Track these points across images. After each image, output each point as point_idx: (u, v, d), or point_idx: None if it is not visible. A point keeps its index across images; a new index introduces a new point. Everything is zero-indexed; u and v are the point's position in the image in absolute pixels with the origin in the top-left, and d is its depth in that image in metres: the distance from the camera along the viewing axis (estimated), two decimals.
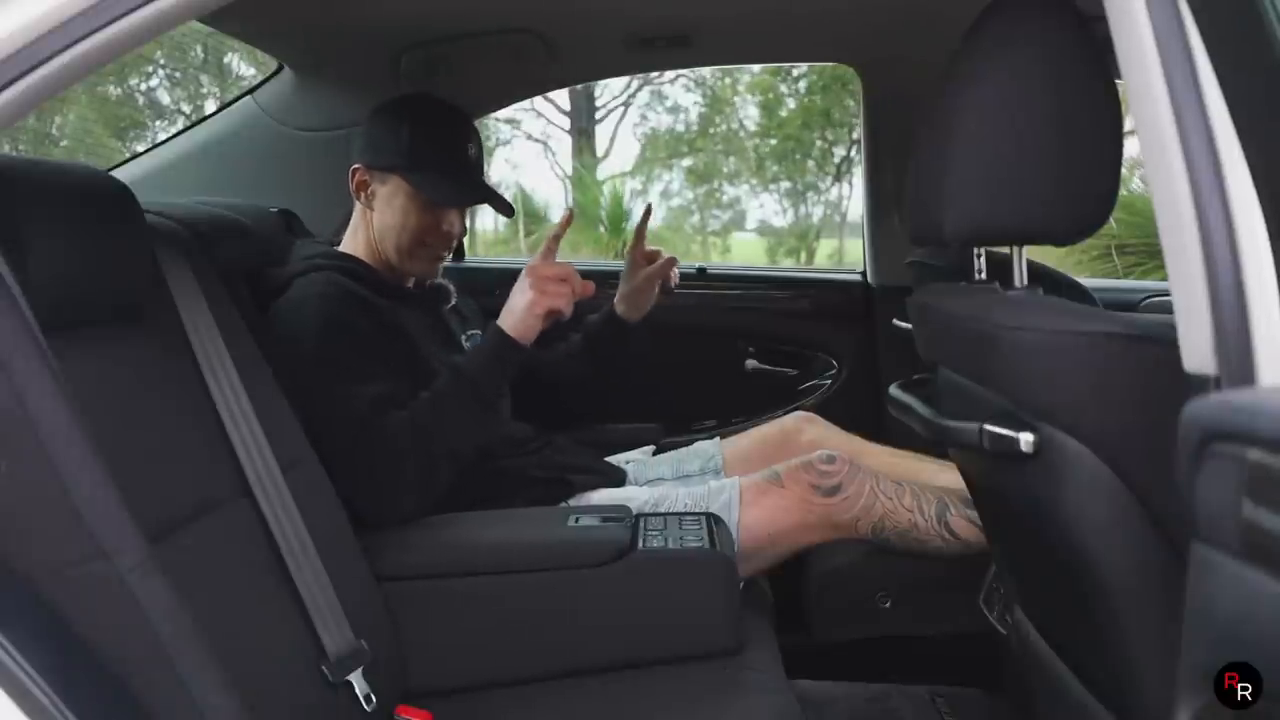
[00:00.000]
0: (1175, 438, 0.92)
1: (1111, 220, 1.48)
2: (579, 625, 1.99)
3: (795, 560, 2.38)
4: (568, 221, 2.44)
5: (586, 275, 2.22)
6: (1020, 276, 1.47)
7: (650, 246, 2.65)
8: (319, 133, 2.92)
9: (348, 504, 1.95)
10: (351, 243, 2.41)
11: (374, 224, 2.37)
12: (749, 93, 19.01)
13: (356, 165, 2.36)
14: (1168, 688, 0.98)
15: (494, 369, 2.16)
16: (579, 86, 16.43)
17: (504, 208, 2.46)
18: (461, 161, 2.38)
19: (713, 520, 2.14)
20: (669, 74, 18.32)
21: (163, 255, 1.70)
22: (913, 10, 2.67)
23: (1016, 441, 1.29)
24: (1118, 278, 6.85)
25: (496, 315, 2.63)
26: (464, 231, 2.48)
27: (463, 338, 2.50)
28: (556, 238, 2.31)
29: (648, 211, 2.74)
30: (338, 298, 2.15)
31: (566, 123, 18.83)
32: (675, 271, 2.61)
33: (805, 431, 2.67)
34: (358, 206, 2.39)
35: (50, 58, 1.20)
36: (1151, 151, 1.04)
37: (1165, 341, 1.08)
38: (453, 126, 2.39)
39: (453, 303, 2.54)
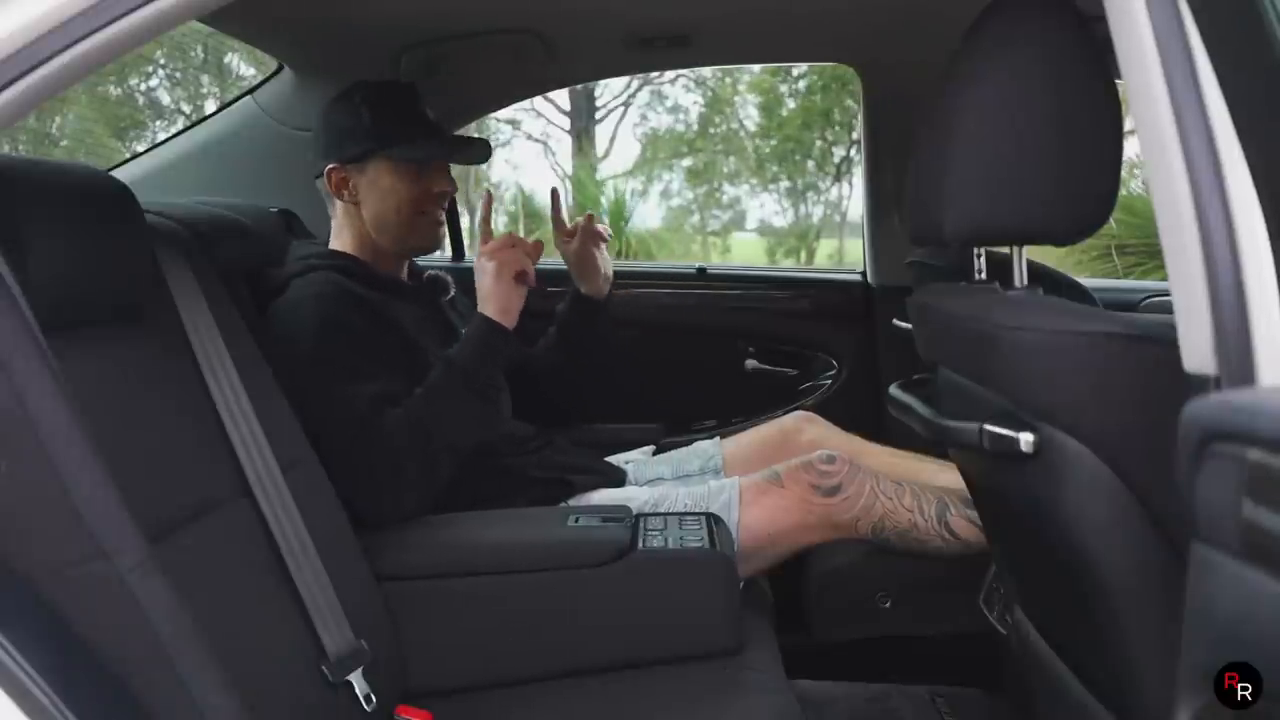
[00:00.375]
0: (1175, 438, 0.92)
1: (1111, 220, 1.49)
2: (579, 625, 1.99)
3: (795, 560, 2.38)
4: (489, 204, 2.49)
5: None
6: (1020, 276, 1.47)
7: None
8: None
9: (348, 504, 1.95)
10: (340, 243, 2.41)
11: (366, 215, 2.37)
12: (749, 93, 19.02)
13: (330, 166, 2.35)
14: (1168, 688, 0.98)
15: (483, 355, 2.18)
16: (579, 86, 16.43)
17: (485, 150, 2.53)
18: (427, 123, 2.41)
19: (713, 520, 2.14)
20: (669, 74, 18.32)
21: (163, 255, 1.70)
22: (913, 10, 2.67)
23: (1016, 441, 1.29)
24: (1118, 278, 6.85)
25: None
26: (455, 189, 2.51)
27: (462, 332, 2.50)
28: (485, 220, 2.42)
29: (554, 196, 2.72)
30: (334, 297, 2.16)
31: (566, 123, 18.83)
32: (600, 225, 2.60)
33: (805, 431, 2.67)
34: (339, 207, 2.39)
35: (50, 58, 1.20)
36: (1151, 151, 1.04)
37: (1165, 341, 1.08)
38: (405, 95, 2.43)
39: (451, 294, 2.55)
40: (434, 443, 2.07)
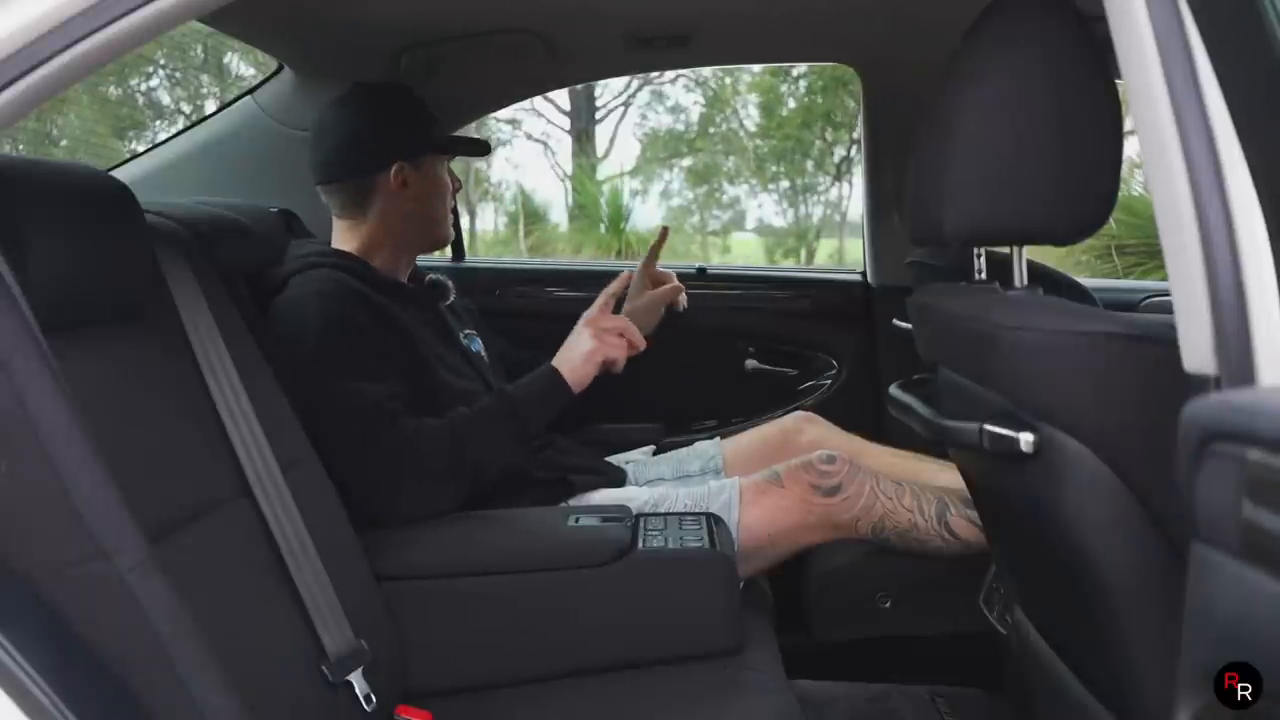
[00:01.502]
0: (1175, 438, 0.92)
1: (1111, 220, 1.49)
2: (579, 625, 1.99)
3: (795, 560, 2.39)
4: (627, 281, 2.50)
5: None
6: (1020, 276, 1.47)
7: (661, 267, 2.69)
8: None
9: (351, 503, 1.95)
10: (346, 244, 2.40)
11: (418, 211, 2.42)
12: (749, 93, 19.02)
13: (396, 166, 2.37)
14: (1168, 688, 0.98)
15: (540, 405, 2.22)
16: (579, 86, 16.42)
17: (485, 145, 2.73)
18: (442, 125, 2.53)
19: (713, 520, 2.14)
20: (669, 74, 18.32)
21: (163, 255, 1.69)
22: (913, 10, 2.67)
23: (1016, 441, 1.29)
24: (1118, 278, 6.85)
25: (494, 315, 2.65)
26: (460, 184, 2.63)
27: (460, 335, 2.50)
28: (613, 294, 2.39)
29: (664, 234, 2.75)
30: (338, 295, 2.16)
31: (566, 123, 18.83)
32: (682, 296, 2.65)
33: (805, 431, 2.68)
34: (380, 206, 2.39)
35: (50, 58, 1.20)
36: (1151, 151, 1.04)
37: (1165, 341, 1.08)
38: (417, 98, 2.49)
39: (450, 300, 2.55)
40: (466, 461, 2.10)
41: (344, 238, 2.42)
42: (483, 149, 2.67)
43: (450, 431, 2.10)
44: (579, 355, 2.23)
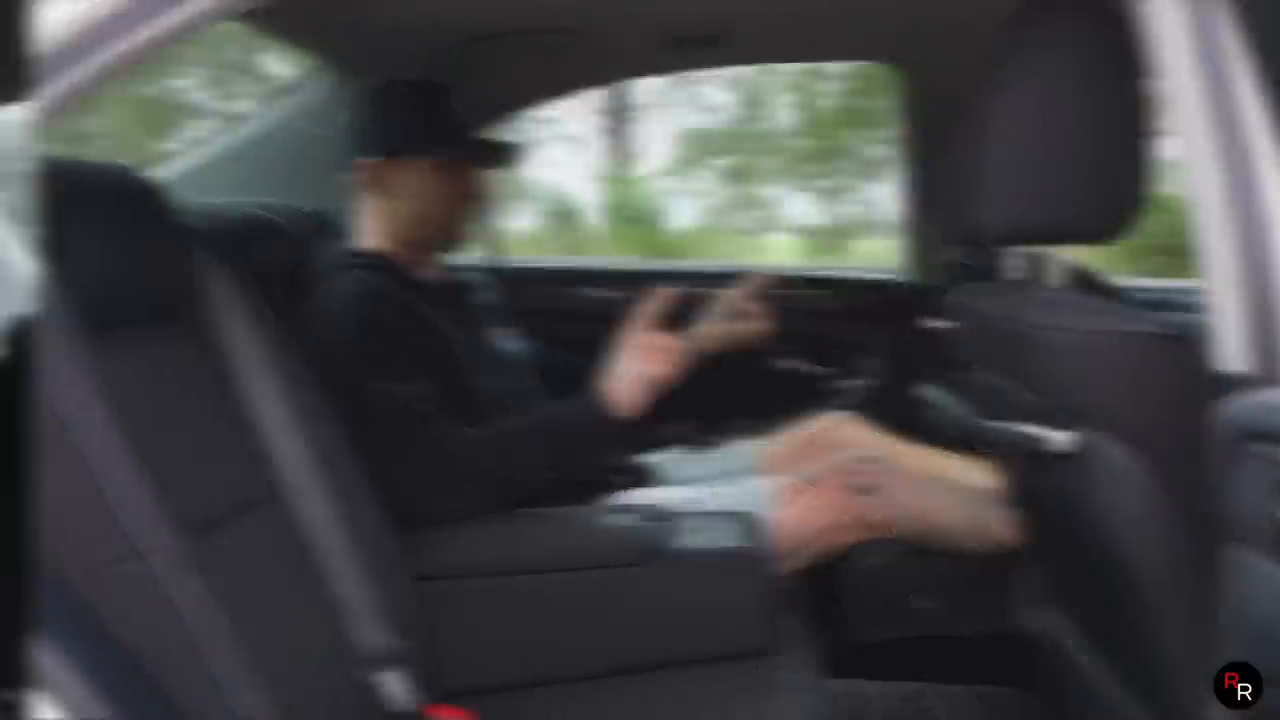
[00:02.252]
0: (1210, 438, 0.92)
1: (1145, 220, 1.48)
2: (612, 625, 1.99)
3: (830, 560, 2.38)
4: (668, 300, 2.36)
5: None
6: (1055, 276, 1.46)
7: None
8: None
9: (387, 502, 1.95)
10: (370, 241, 2.40)
11: (402, 212, 2.35)
12: (787, 92, 18.98)
13: (368, 161, 2.32)
14: (1201, 685, 0.98)
15: (593, 441, 2.16)
16: (614, 86, 16.42)
17: (517, 155, 2.51)
18: (462, 126, 2.42)
19: (748, 520, 2.14)
20: (705, 73, 18.30)
21: (199, 255, 1.70)
22: (950, 9, 2.66)
23: (1051, 441, 1.29)
24: (1151, 278, 6.82)
25: (528, 315, 2.64)
26: (488, 191, 2.52)
27: (494, 335, 2.50)
28: (654, 314, 2.26)
29: (762, 279, 2.66)
30: (369, 296, 2.16)
31: (601, 122, 18.83)
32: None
33: (841, 432, 2.66)
34: (370, 203, 2.37)
35: (89, 56, 1.21)
36: (1188, 154, 1.03)
37: (1199, 341, 1.07)
38: (441, 97, 2.42)
39: (484, 299, 2.54)
40: (495, 475, 2.08)
41: (364, 233, 2.42)
42: (483, 152, 2.49)
43: (483, 443, 2.09)
44: (628, 377, 2.14)
